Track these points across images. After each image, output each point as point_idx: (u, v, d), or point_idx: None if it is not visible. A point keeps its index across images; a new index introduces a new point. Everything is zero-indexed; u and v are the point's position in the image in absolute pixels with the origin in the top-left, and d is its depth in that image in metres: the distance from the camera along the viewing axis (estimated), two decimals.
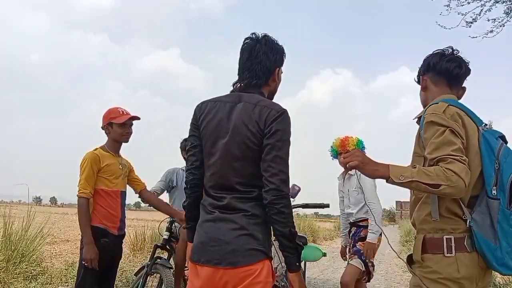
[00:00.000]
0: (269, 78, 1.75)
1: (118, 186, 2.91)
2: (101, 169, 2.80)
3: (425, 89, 1.88)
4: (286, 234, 1.56)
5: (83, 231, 2.71)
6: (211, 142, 1.69)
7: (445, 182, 1.46)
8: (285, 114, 1.63)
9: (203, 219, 1.69)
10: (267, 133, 1.59)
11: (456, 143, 1.54)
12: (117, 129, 2.86)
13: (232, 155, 1.63)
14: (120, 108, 2.92)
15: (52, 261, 6.22)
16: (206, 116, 1.72)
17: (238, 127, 1.63)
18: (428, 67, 1.85)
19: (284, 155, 1.60)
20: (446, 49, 1.84)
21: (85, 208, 2.72)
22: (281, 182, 1.57)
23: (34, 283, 4.61)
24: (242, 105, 1.66)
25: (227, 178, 1.65)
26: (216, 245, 1.60)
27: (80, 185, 2.74)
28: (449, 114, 1.62)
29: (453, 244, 1.59)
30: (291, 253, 1.59)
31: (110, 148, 2.90)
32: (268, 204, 1.57)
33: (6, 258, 4.69)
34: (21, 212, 6.01)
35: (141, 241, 7.81)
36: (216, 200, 1.66)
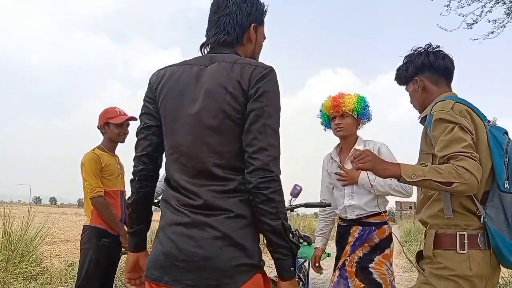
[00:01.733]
0: (242, 35, 1.37)
1: (118, 186, 2.92)
2: (102, 169, 2.81)
3: (424, 90, 1.82)
4: (278, 228, 1.18)
5: (116, 225, 2.76)
6: (174, 116, 1.29)
7: (457, 179, 1.44)
8: (273, 72, 1.27)
9: (167, 221, 1.27)
10: (251, 95, 1.22)
11: (466, 139, 1.51)
12: (114, 129, 2.88)
13: (206, 127, 1.24)
14: (117, 108, 2.94)
15: (51, 261, 6.22)
16: (165, 84, 1.33)
17: (213, 91, 1.25)
18: (423, 67, 1.80)
19: (274, 124, 1.23)
20: (430, 46, 1.82)
21: (106, 205, 2.74)
22: (271, 160, 1.19)
23: (34, 283, 4.61)
24: (216, 65, 1.29)
25: (200, 160, 1.24)
26: (188, 260, 1.18)
27: (90, 185, 2.74)
28: (457, 110, 1.60)
29: (466, 240, 1.56)
30: (284, 255, 1.20)
31: (107, 148, 2.92)
32: (253, 189, 1.18)
33: (6, 258, 4.69)
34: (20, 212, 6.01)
35: None
36: (187, 195, 1.25)
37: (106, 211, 2.74)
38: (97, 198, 2.72)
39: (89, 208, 2.78)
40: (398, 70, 1.90)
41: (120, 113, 2.91)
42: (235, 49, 1.37)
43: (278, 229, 1.19)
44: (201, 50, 1.41)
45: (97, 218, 2.76)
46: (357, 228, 2.54)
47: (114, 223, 2.77)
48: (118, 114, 2.89)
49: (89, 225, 2.78)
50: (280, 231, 1.19)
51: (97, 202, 2.73)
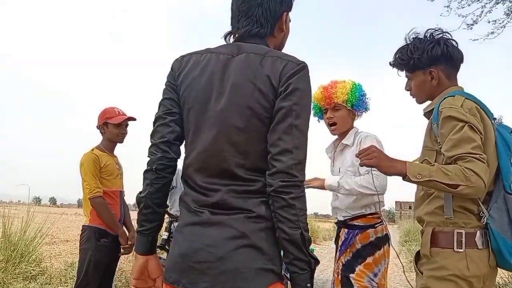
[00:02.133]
0: (275, 26, 1.27)
1: (117, 186, 2.92)
2: (101, 169, 2.81)
3: (436, 82, 1.68)
4: (296, 238, 1.08)
5: (114, 225, 2.77)
6: (198, 108, 1.20)
7: (464, 182, 1.40)
8: (306, 68, 1.17)
9: (184, 222, 1.20)
10: (281, 93, 1.13)
11: (475, 140, 1.45)
12: (113, 129, 2.88)
13: (232, 125, 1.15)
14: (116, 108, 2.94)
15: (51, 261, 6.22)
16: (189, 72, 1.23)
17: (240, 86, 1.15)
18: (440, 58, 1.65)
19: (302, 125, 1.13)
20: (442, 32, 1.68)
21: (105, 205, 2.74)
22: (295, 163, 1.09)
23: (34, 284, 4.60)
24: (244, 56, 1.18)
25: (222, 158, 1.15)
26: (204, 261, 1.10)
27: (89, 186, 2.74)
28: (467, 108, 1.52)
29: (464, 239, 1.51)
30: (301, 268, 1.09)
31: (106, 148, 2.92)
32: (273, 192, 1.09)
33: (6, 258, 4.69)
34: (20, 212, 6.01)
35: None
36: (204, 193, 1.17)
37: (105, 212, 2.74)
38: (96, 199, 2.72)
39: (88, 208, 2.78)
40: (404, 54, 1.71)
41: (119, 113, 2.91)
42: (266, 41, 1.27)
43: (296, 239, 1.08)
44: (226, 39, 1.31)
45: (96, 218, 2.76)
46: (344, 231, 2.35)
47: (113, 223, 2.77)
48: (117, 114, 2.89)
49: (88, 225, 2.78)
50: (298, 242, 1.08)
51: (96, 203, 2.72)
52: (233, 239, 1.10)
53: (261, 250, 1.10)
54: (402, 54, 1.72)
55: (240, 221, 1.11)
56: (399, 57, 1.73)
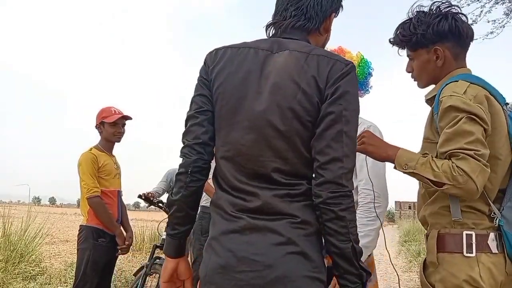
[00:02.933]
0: (322, 23, 1.19)
1: (115, 186, 2.92)
2: (99, 168, 2.81)
3: (441, 61, 1.47)
4: (347, 252, 1.02)
5: (111, 225, 2.77)
6: (232, 106, 1.11)
7: (450, 181, 1.23)
8: (355, 69, 1.10)
9: (220, 229, 1.10)
10: (329, 96, 1.05)
11: (473, 133, 1.25)
12: (109, 128, 2.88)
13: (271, 128, 1.07)
14: (113, 107, 2.94)
15: (51, 261, 6.22)
16: (224, 66, 1.15)
17: (282, 86, 1.07)
18: (447, 34, 1.44)
19: (353, 132, 1.06)
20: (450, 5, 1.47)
21: (102, 204, 2.75)
22: (344, 172, 1.03)
23: (33, 283, 4.60)
24: (287, 53, 1.10)
25: (261, 163, 1.08)
26: (249, 270, 1.02)
27: (87, 185, 2.73)
28: (472, 95, 1.31)
29: (474, 241, 1.31)
30: (352, 282, 1.03)
31: (104, 148, 2.92)
32: (321, 204, 1.02)
33: (5, 258, 4.69)
34: (20, 212, 6.02)
35: (140, 241, 7.82)
36: (242, 198, 1.09)
37: (102, 211, 2.74)
38: (93, 198, 2.72)
39: (86, 208, 2.78)
40: (407, 30, 1.50)
41: (115, 112, 2.90)
42: (308, 37, 1.18)
43: (347, 252, 1.02)
44: (267, 30, 1.22)
45: (93, 218, 2.76)
46: None
47: (110, 223, 2.76)
48: (113, 113, 2.89)
49: (86, 225, 2.78)
50: (348, 255, 1.02)
51: (93, 202, 2.72)
52: (280, 245, 1.03)
53: (308, 257, 1.03)
54: (404, 29, 1.51)
55: (284, 226, 1.04)
56: (400, 33, 1.52)
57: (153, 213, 18.19)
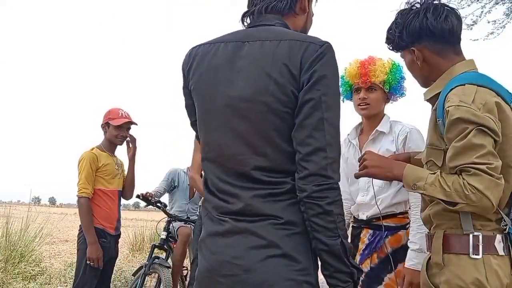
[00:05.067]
0: (295, 2, 1.13)
1: (115, 186, 2.92)
2: (99, 168, 2.81)
3: (424, 63, 1.42)
4: (336, 249, 0.96)
5: (87, 231, 2.71)
6: (207, 106, 1.08)
7: (463, 200, 1.18)
8: (331, 49, 1.01)
9: (207, 231, 1.09)
10: (305, 82, 0.98)
11: (484, 146, 1.19)
12: (113, 130, 2.88)
13: (246, 124, 1.02)
14: (121, 110, 2.94)
15: (51, 261, 6.22)
16: (196, 67, 1.10)
17: (254, 79, 1.01)
18: (421, 33, 1.38)
19: (334, 118, 0.99)
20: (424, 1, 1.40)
21: (86, 208, 2.72)
22: (329, 163, 0.96)
23: (33, 283, 4.60)
24: (257, 44, 1.04)
25: (240, 162, 1.03)
26: (231, 274, 0.99)
27: (80, 185, 2.74)
28: (481, 103, 1.23)
29: (481, 243, 1.26)
30: (343, 281, 0.97)
31: (106, 148, 2.92)
32: (306, 199, 0.96)
33: (5, 258, 4.69)
34: (20, 212, 6.02)
35: (140, 241, 7.81)
36: (226, 200, 1.05)
37: (84, 214, 2.71)
38: (81, 199, 2.72)
39: None
40: (388, 32, 1.47)
41: (122, 115, 2.90)
42: (284, 19, 1.12)
43: (337, 249, 0.96)
44: (243, 21, 1.16)
45: (95, 219, 2.76)
46: (368, 232, 1.98)
47: (86, 228, 2.72)
48: (119, 116, 2.89)
49: None
50: (337, 252, 0.96)
51: (79, 202, 2.73)
52: (259, 248, 0.98)
53: (293, 259, 0.97)
54: (387, 31, 1.48)
55: (265, 228, 0.99)
56: (387, 34, 1.49)
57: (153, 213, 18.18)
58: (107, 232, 2.79)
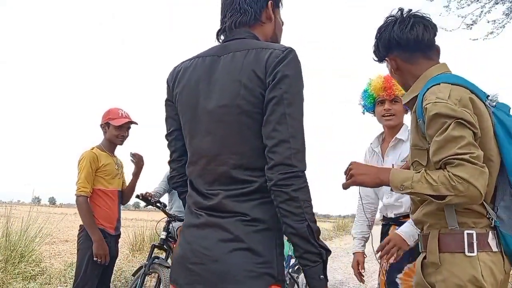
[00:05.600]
0: (260, 13, 1.26)
1: (115, 186, 2.92)
2: (99, 168, 2.81)
3: (398, 71, 1.53)
4: (302, 232, 1.05)
5: (90, 229, 2.71)
6: (190, 115, 1.21)
7: (451, 192, 1.22)
8: (293, 53, 1.13)
9: (186, 223, 1.23)
10: (270, 83, 1.09)
11: (464, 137, 1.24)
12: (113, 130, 2.88)
13: (223, 126, 1.14)
14: (120, 110, 2.94)
15: (51, 261, 6.22)
16: (179, 82, 1.25)
17: (227, 86, 1.14)
18: (390, 44, 1.50)
19: (296, 113, 1.09)
20: (396, 15, 1.50)
21: (86, 206, 2.73)
22: (293, 153, 1.05)
23: (33, 283, 4.60)
24: (230, 56, 1.17)
25: (220, 161, 1.15)
26: (200, 263, 1.11)
27: (79, 184, 2.74)
28: (456, 99, 1.29)
29: (475, 241, 1.29)
30: (312, 261, 1.06)
31: (106, 148, 2.92)
32: (274, 187, 1.06)
33: (5, 258, 4.70)
34: (20, 212, 6.02)
35: (140, 241, 7.81)
36: (204, 197, 1.18)
37: (84, 213, 2.72)
38: (79, 198, 2.72)
39: None
40: (373, 45, 1.58)
41: (122, 116, 2.90)
42: (254, 30, 1.25)
43: (303, 232, 1.05)
44: (217, 37, 1.29)
45: (95, 219, 2.76)
46: (394, 228, 2.12)
47: (89, 226, 2.72)
48: (119, 116, 2.89)
49: None
50: (305, 234, 1.05)
51: (78, 201, 2.72)
52: (227, 241, 1.09)
53: (256, 253, 1.08)
54: (373, 45, 1.60)
55: (234, 224, 1.10)
56: (372, 49, 1.61)
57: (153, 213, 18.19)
58: (107, 232, 2.79)
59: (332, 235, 17.10)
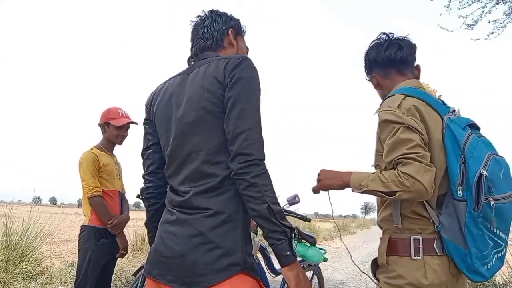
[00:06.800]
0: (222, 39, 1.44)
1: (116, 186, 2.93)
2: (100, 168, 2.81)
3: (378, 86, 1.73)
4: (263, 213, 1.14)
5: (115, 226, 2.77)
6: (165, 126, 1.36)
7: (399, 188, 1.33)
8: (247, 60, 1.26)
9: (162, 219, 1.35)
10: (227, 84, 1.23)
11: (412, 139, 1.37)
12: (113, 130, 2.88)
13: (190, 127, 1.27)
14: (120, 109, 2.94)
15: (52, 261, 6.23)
16: (155, 101, 1.42)
17: (193, 93, 1.29)
18: (371, 63, 1.71)
19: (252, 110, 1.21)
20: (379, 38, 1.69)
21: (103, 205, 2.74)
22: (250, 143, 1.17)
23: (34, 283, 4.61)
24: (195, 71, 1.34)
25: (190, 159, 1.27)
26: (170, 257, 1.23)
27: (88, 185, 2.73)
28: (405, 108, 1.44)
29: (421, 246, 1.43)
30: (277, 239, 1.15)
31: (105, 147, 2.92)
32: (235, 176, 1.17)
33: (6, 258, 4.70)
34: (21, 212, 6.02)
35: (141, 241, 7.81)
36: (177, 195, 1.30)
37: (103, 211, 2.74)
38: (94, 198, 2.72)
39: (88, 208, 2.79)
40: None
41: (122, 115, 2.91)
42: (217, 53, 1.42)
43: (264, 213, 1.14)
44: (188, 63, 1.48)
45: (96, 218, 2.77)
46: None
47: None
48: (120, 116, 2.89)
49: (87, 225, 2.78)
50: (266, 215, 1.15)
51: (94, 202, 2.72)
52: (192, 237, 1.20)
53: (218, 246, 1.18)
54: None
55: (199, 220, 1.21)
56: None
57: None
58: (108, 232, 2.79)
59: (333, 235, 17.09)
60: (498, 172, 1.40)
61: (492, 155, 1.42)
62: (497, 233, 1.41)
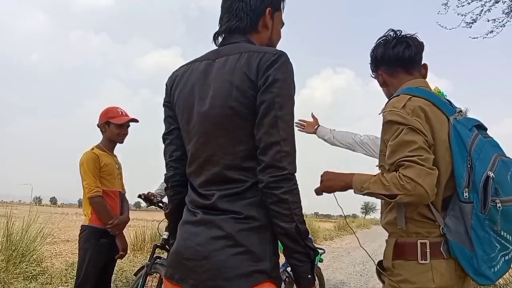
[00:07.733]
0: (257, 21, 1.28)
1: (116, 186, 2.93)
2: (101, 168, 2.81)
3: (384, 85, 1.69)
4: (291, 232, 1.08)
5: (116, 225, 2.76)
6: (186, 117, 1.24)
7: (400, 191, 1.31)
8: (284, 56, 1.15)
9: (183, 220, 1.25)
10: (261, 86, 1.11)
11: (415, 141, 1.34)
12: (114, 129, 2.88)
13: (216, 127, 1.16)
14: (119, 108, 2.95)
15: (52, 261, 6.24)
16: (177, 85, 1.28)
17: (220, 89, 1.16)
18: (377, 61, 1.66)
19: (287, 116, 1.11)
20: (387, 35, 1.65)
21: (104, 205, 2.74)
22: (283, 155, 1.08)
23: (34, 283, 4.61)
24: (223, 59, 1.20)
25: (214, 162, 1.18)
26: (192, 259, 1.13)
27: (88, 185, 2.73)
28: (410, 108, 1.41)
29: (428, 249, 1.40)
30: (300, 261, 1.10)
31: (105, 147, 2.92)
32: (264, 189, 1.09)
33: (6, 258, 4.70)
34: (21, 212, 6.02)
35: (141, 241, 7.82)
36: (201, 196, 1.20)
37: (103, 212, 2.74)
38: (95, 198, 2.72)
39: (88, 208, 2.78)
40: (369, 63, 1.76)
41: (122, 114, 2.91)
42: (249, 36, 1.27)
43: (292, 232, 1.08)
44: (214, 39, 1.32)
45: (96, 218, 2.77)
46: None
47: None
48: (120, 115, 2.90)
49: (88, 225, 2.78)
50: (293, 235, 1.08)
51: (94, 202, 2.72)
52: (218, 239, 1.11)
53: (246, 250, 1.09)
54: None
55: (228, 222, 1.12)
56: None
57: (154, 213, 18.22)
58: (108, 232, 2.78)
59: (333, 235, 17.09)
60: (506, 174, 1.38)
61: (499, 156, 1.39)
62: (504, 236, 1.38)
